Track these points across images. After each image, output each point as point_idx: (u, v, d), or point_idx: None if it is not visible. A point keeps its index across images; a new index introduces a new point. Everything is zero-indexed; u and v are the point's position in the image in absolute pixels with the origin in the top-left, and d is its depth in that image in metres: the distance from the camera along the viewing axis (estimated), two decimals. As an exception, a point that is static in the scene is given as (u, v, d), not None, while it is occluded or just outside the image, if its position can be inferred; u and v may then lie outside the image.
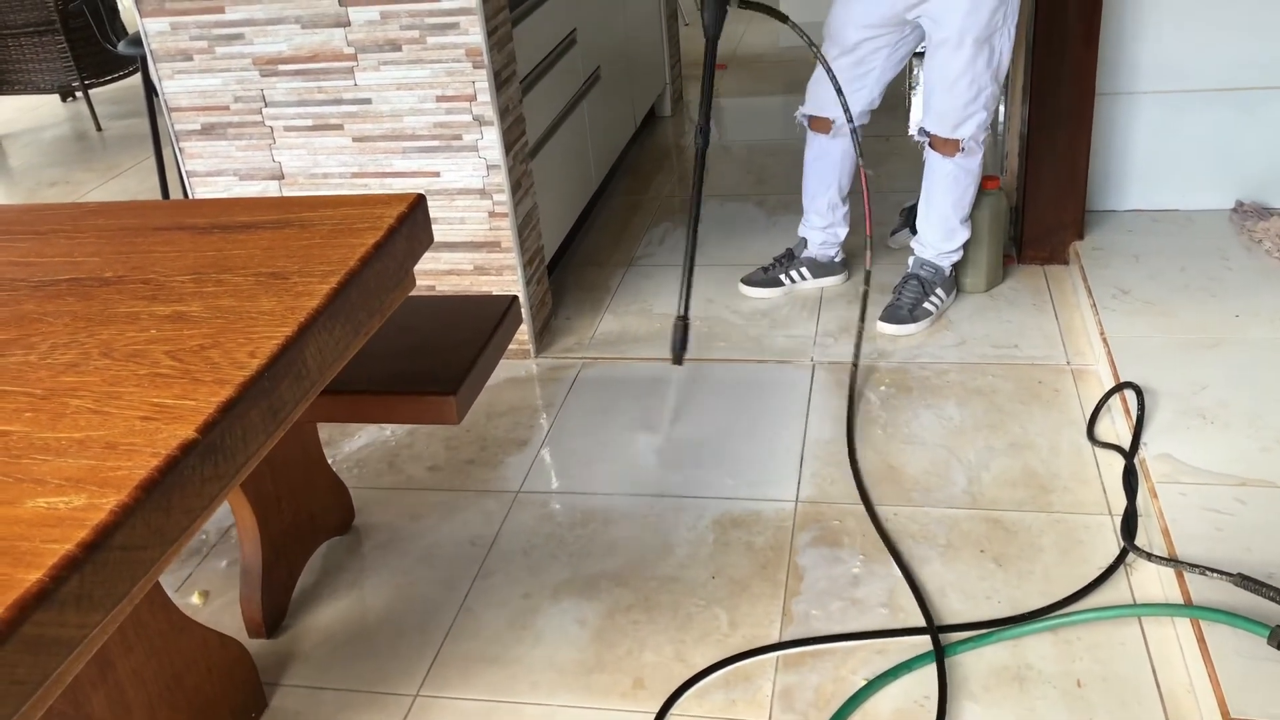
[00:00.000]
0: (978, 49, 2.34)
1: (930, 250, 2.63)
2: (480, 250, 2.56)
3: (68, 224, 1.54)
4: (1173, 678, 1.62)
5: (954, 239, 2.60)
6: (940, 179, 2.54)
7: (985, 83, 2.38)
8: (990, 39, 2.33)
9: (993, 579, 1.84)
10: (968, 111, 2.42)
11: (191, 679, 1.56)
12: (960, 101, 2.41)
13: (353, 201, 1.50)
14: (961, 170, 2.50)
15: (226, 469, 1.05)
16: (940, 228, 2.59)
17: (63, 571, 0.85)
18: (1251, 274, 2.53)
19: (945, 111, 2.44)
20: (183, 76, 2.49)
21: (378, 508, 2.17)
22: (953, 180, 2.52)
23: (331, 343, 1.26)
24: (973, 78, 2.37)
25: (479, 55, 2.33)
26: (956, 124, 2.44)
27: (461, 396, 1.71)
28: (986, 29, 2.31)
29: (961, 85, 2.38)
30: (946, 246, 2.61)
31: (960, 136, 2.45)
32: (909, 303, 2.60)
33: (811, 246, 2.82)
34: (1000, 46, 2.36)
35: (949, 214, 2.56)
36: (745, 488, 2.12)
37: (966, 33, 2.32)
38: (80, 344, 1.20)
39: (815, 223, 2.80)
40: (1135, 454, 2.01)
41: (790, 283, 2.81)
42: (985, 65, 2.36)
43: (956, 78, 2.38)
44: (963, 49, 2.34)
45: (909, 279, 2.64)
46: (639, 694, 1.68)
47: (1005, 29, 2.34)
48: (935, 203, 2.58)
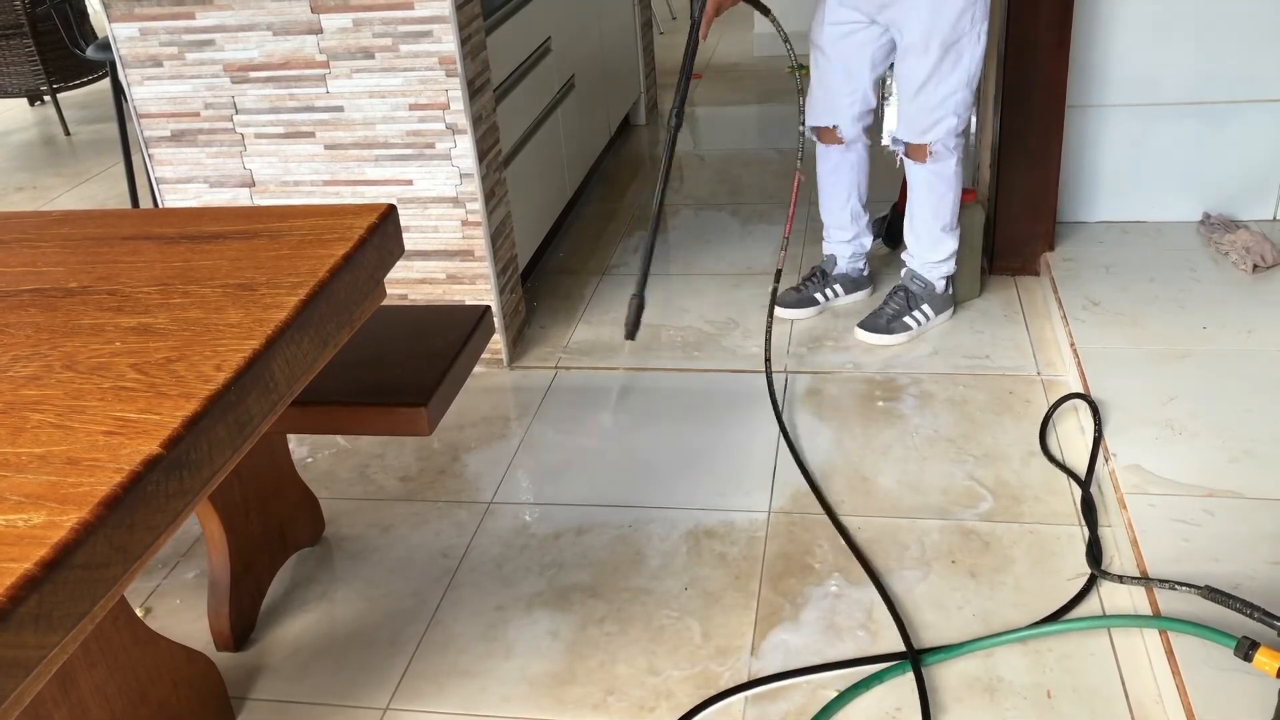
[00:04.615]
0: (943, 53, 2.32)
1: (917, 260, 2.61)
2: (453, 259, 2.54)
3: (32, 232, 1.52)
4: (1141, 688, 1.63)
5: (939, 248, 2.57)
6: (917, 186, 2.53)
7: (953, 87, 2.37)
8: (957, 44, 2.32)
9: (965, 589, 1.84)
10: (934, 116, 2.41)
11: (157, 694, 1.54)
12: (927, 105, 2.40)
13: (322, 212, 1.49)
14: (935, 176, 2.49)
15: (192, 484, 1.03)
16: (924, 236, 2.57)
17: (21, 591, 0.83)
18: (1219, 286, 2.56)
19: (913, 116, 2.44)
20: (152, 82, 2.47)
21: (348, 519, 2.15)
22: (928, 187, 2.51)
23: (300, 355, 1.24)
24: (939, 81, 2.36)
25: (452, 63, 2.32)
26: (925, 129, 2.43)
27: (433, 407, 1.70)
28: (952, 34, 2.30)
29: (928, 89, 2.38)
30: (932, 256, 2.58)
31: (927, 141, 2.44)
32: (890, 314, 2.58)
33: (842, 263, 2.78)
34: (967, 52, 2.34)
35: (929, 221, 2.54)
36: (718, 498, 2.12)
37: (931, 38, 2.31)
38: (43, 356, 1.18)
39: (840, 236, 2.76)
40: (1090, 482, 2.03)
41: (825, 300, 2.76)
42: (951, 69, 2.34)
43: (923, 82, 2.37)
44: (928, 54, 2.33)
45: (896, 290, 2.62)
46: (611, 706, 1.67)
47: (972, 34, 2.32)
48: (915, 211, 2.57)
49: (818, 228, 2.84)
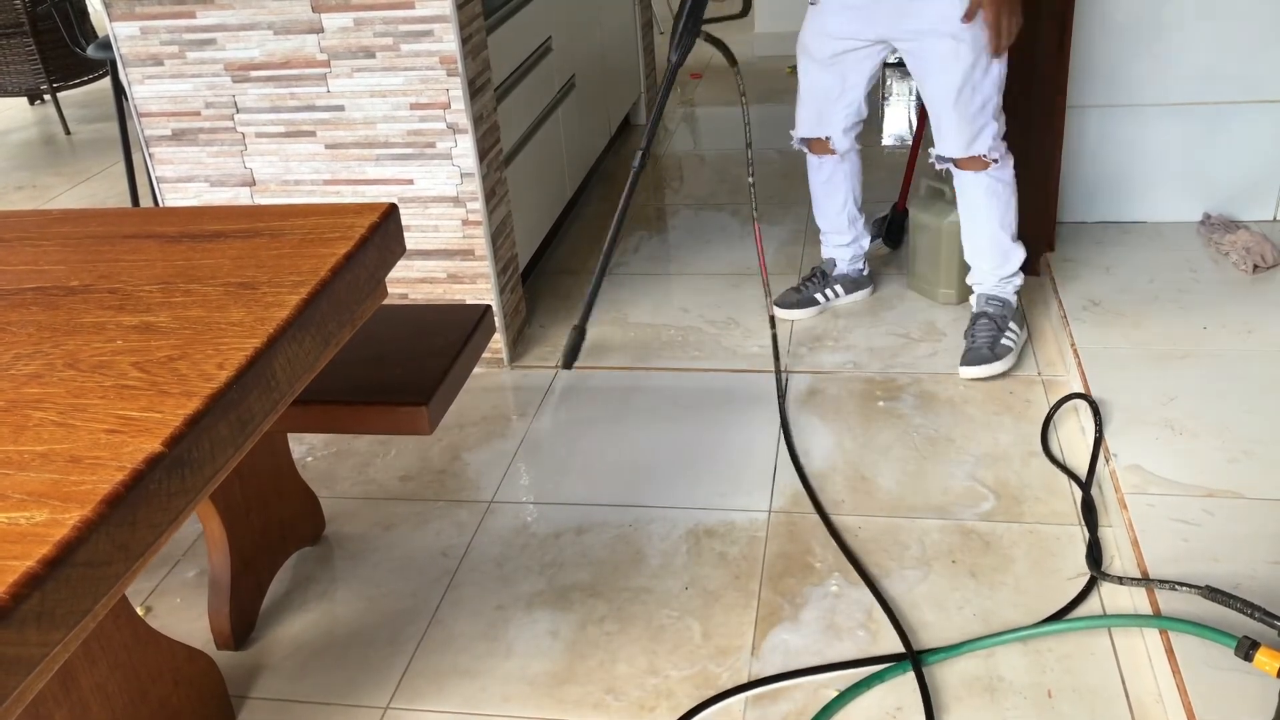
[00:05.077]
0: (975, 58, 2.25)
1: (989, 281, 2.49)
2: (454, 258, 2.55)
3: (33, 231, 1.52)
4: (1142, 688, 1.63)
5: (1010, 261, 2.46)
6: (978, 197, 2.42)
7: (989, 94, 2.30)
8: (984, 52, 2.25)
9: (965, 589, 1.84)
10: (977, 124, 2.32)
11: (157, 693, 1.54)
12: (967, 115, 2.31)
13: (323, 211, 1.49)
14: (997, 181, 2.39)
15: (194, 482, 1.03)
16: (992, 251, 2.46)
17: (24, 588, 0.83)
18: (1219, 286, 2.56)
19: (954, 131, 2.35)
20: (153, 81, 2.47)
21: (349, 518, 2.15)
22: (992, 194, 2.40)
23: (301, 354, 1.24)
24: (974, 88, 2.28)
25: (453, 63, 2.33)
26: (969, 140, 2.34)
27: (434, 406, 1.70)
28: (978, 43, 2.23)
29: (965, 99, 2.29)
30: (1004, 271, 2.47)
31: (979, 151, 2.35)
32: (985, 341, 2.43)
33: (841, 264, 2.76)
34: (996, 60, 2.28)
35: (998, 233, 2.43)
36: (718, 498, 2.12)
37: (959, 51, 2.24)
38: (45, 354, 1.18)
39: (838, 240, 2.74)
40: (1091, 483, 2.03)
41: (825, 301, 2.75)
42: (983, 75, 2.27)
43: (957, 96, 2.29)
44: (959, 61, 2.25)
45: (978, 319, 2.48)
46: (611, 705, 1.67)
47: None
48: (980, 225, 2.45)
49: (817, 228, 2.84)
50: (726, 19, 5.32)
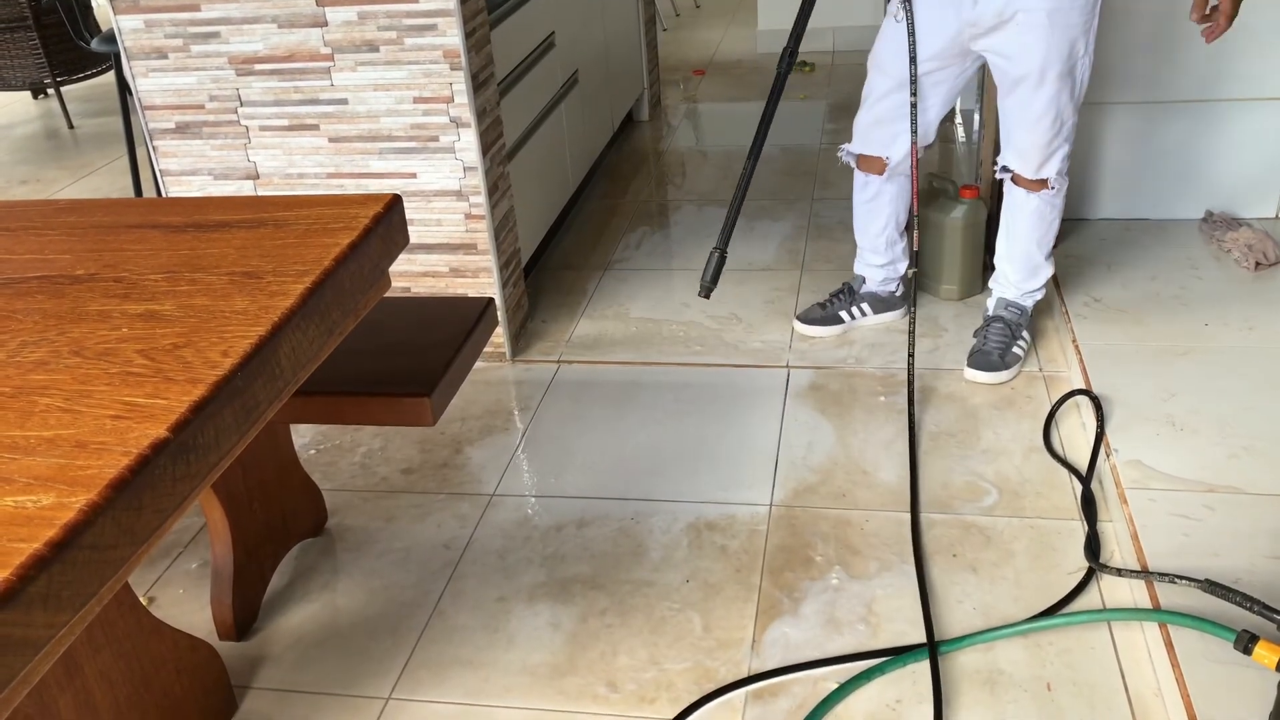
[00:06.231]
0: (1061, 83, 2.14)
1: (1013, 290, 2.46)
2: (456, 252, 2.55)
3: (38, 220, 1.53)
4: (1141, 681, 1.63)
5: (1038, 276, 2.44)
6: (1025, 215, 2.36)
7: (1068, 115, 2.20)
8: (1073, 70, 2.14)
9: (965, 583, 1.85)
10: (1052, 148, 2.24)
11: (160, 681, 1.55)
12: (1044, 139, 2.22)
13: (328, 201, 1.49)
14: (1048, 205, 2.34)
15: (198, 468, 1.04)
16: (1024, 265, 2.42)
17: (30, 571, 0.84)
18: (1220, 283, 2.56)
19: (1028, 150, 2.26)
20: (157, 75, 2.47)
21: (351, 510, 2.16)
22: (1038, 216, 2.35)
23: (306, 343, 1.25)
24: (1056, 113, 2.18)
25: (456, 57, 2.33)
26: (1041, 163, 2.26)
27: (436, 398, 1.71)
28: (1069, 60, 2.12)
29: (1045, 123, 2.20)
30: (1030, 285, 2.44)
31: (1046, 175, 2.28)
32: (997, 348, 2.41)
33: (872, 283, 2.65)
34: (1083, 75, 2.17)
35: (1033, 251, 2.40)
36: (719, 491, 2.13)
37: (1049, 68, 2.12)
38: (50, 342, 1.18)
39: (873, 260, 2.63)
40: (1091, 478, 2.03)
41: (850, 319, 2.64)
42: (1069, 98, 2.17)
43: (1040, 116, 2.19)
44: (1045, 85, 2.14)
45: (993, 322, 2.46)
46: (612, 697, 1.68)
47: (1087, 55, 2.15)
48: (1019, 239, 2.40)
49: (826, 223, 2.83)
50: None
